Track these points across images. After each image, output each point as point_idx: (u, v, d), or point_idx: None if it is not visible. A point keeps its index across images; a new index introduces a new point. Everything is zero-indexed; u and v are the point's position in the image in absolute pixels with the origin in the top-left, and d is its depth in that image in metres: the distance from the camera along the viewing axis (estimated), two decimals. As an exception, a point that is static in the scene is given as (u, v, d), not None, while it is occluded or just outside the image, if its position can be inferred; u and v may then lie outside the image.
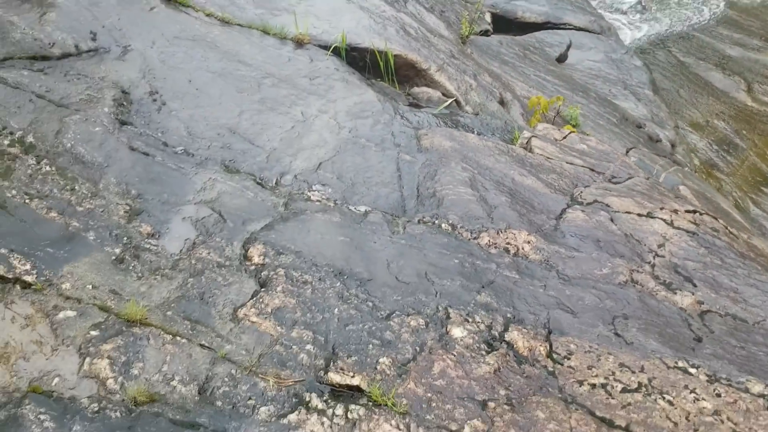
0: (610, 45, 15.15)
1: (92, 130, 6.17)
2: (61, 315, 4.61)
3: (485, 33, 13.47)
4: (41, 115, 6.26)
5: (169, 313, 4.71)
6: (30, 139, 5.95)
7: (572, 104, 9.24)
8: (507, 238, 5.69)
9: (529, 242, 5.65)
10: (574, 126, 9.53)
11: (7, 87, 6.39)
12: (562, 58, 14.14)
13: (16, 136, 5.97)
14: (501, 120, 8.53)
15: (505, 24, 15.39)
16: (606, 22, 16.55)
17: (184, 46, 7.90)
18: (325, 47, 8.72)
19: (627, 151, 9.43)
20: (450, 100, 8.33)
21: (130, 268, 5.08)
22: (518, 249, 5.59)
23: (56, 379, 4.17)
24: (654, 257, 5.69)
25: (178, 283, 5.02)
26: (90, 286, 4.85)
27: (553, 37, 14.90)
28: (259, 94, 7.44)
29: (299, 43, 8.64)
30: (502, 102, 9.01)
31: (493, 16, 15.25)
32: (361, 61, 8.93)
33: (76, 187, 5.66)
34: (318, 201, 6.01)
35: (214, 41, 8.19)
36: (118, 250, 5.17)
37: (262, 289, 4.98)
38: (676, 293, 5.29)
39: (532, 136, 7.47)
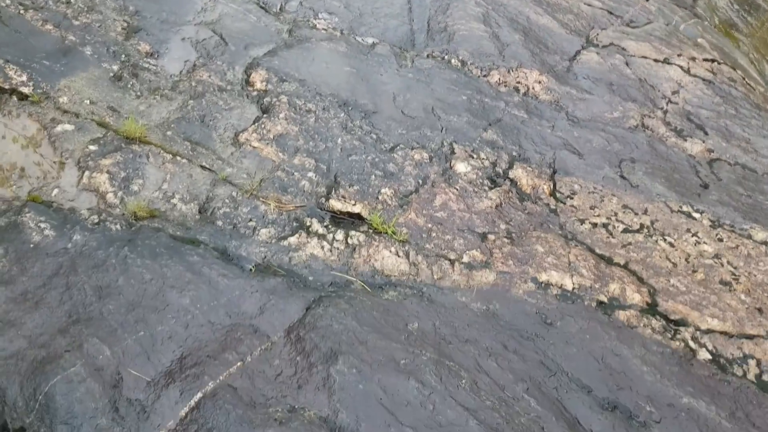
0: None
1: (86, -59, 5.58)
2: (59, 128, 4.35)
3: None
4: None
5: (168, 133, 4.45)
6: (21, -54, 5.39)
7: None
8: (518, 77, 5.33)
9: (540, 82, 5.29)
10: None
11: None
12: None
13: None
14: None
15: None
16: None
17: None
18: None
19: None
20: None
21: (129, 86, 4.76)
22: (528, 88, 5.25)
23: (56, 191, 3.99)
24: (667, 103, 5.37)
25: (177, 104, 4.73)
26: (88, 101, 4.56)
27: None
28: None
29: None
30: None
31: None
32: None
33: (72, 0, 5.20)
34: (324, 29, 5.57)
35: None
36: (116, 68, 4.82)
37: (264, 115, 4.69)
38: (686, 140, 5.02)
39: (552, -26, 6.84)
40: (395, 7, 6.01)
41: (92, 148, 4.26)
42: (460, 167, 4.48)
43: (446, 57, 5.48)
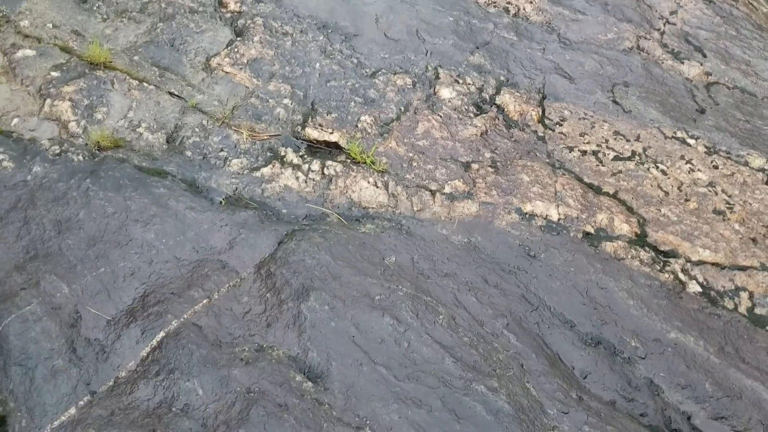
0: None
1: None
2: (19, 54, 4.02)
3: None
4: None
5: (135, 58, 4.12)
6: None
7: None
8: (508, -4, 4.94)
9: (531, 2, 4.92)
10: None
11: None
12: None
13: None
14: None
15: None
16: None
17: None
18: None
19: None
20: None
21: (95, 8, 4.39)
22: (519, 9, 4.88)
23: (15, 120, 3.70)
24: (664, 24, 5.00)
25: (146, 27, 4.37)
26: (50, 25, 4.20)
27: None
28: None
29: None
30: None
31: None
32: None
33: None
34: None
35: None
36: (79, -12, 4.42)
37: (238, 39, 4.35)
38: (683, 63, 4.69)
39: None
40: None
41: (54, 74, 3.94)
42: (445, 93, 4.17)
43: (431, -23, 5.06)
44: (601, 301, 2.93)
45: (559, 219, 3.32)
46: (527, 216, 3.35)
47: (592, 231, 3.28)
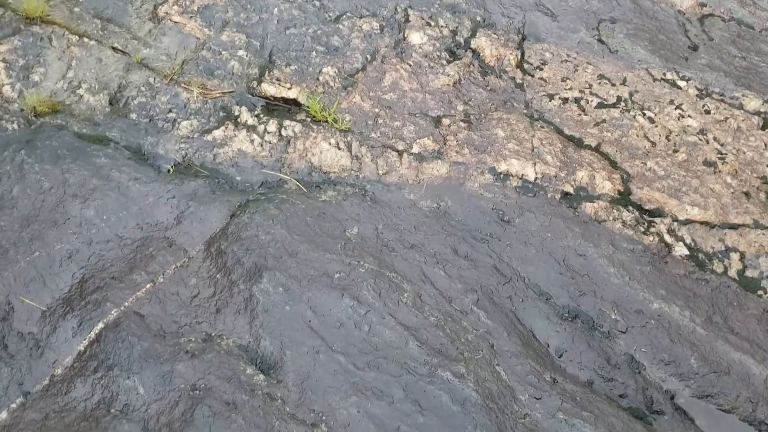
0: None
1: None
2: (-56, 10, 3.67)
3: None
4: None
5: (76, 9, 3.77)
6: None
7: None
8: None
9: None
10: None
11: None
12: None
13: None
14: None
15: None
16: None
17: None
18: None
19: None
20: None
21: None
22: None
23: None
24: (656, -49, 4.60)
25: (87, -27, 3.98)
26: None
27: None
28: None
29: None
30: None
31: None
32: None
33: None
34: None
35: None
36: (11, -69, 4.01)
37: (188, -17, 3.96)
38: (675, -6, 4.33)
39: None
40: None
41: (-15, 31, 3.60)
42: (415, 38, 3.84)
43: None
44: (580, 269, 2.71)
45: (536, 178, 3.07)
46: (501, 176, 3.09)
47: (572, 191, 3.03)
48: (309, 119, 3.39)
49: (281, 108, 3.48)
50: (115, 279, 2.66)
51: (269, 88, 3.53)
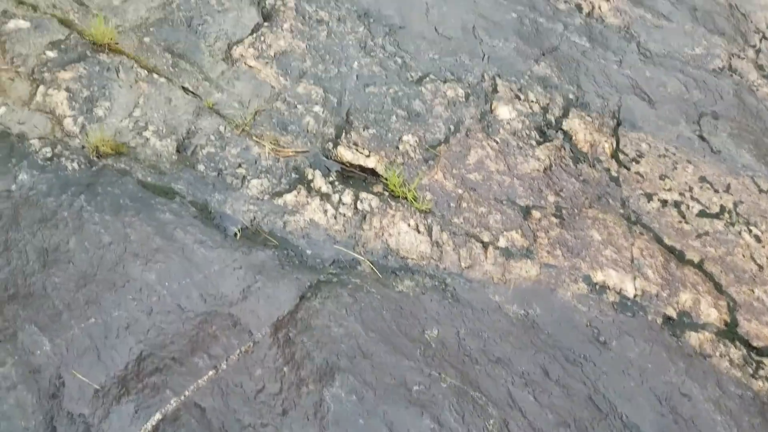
0: None
1: None
2: (11, 24, 3.64)
3: None
4: None
5: (146, 39, 3.72)
6: None
7: None
8: (582, -10, 4.47)
9: (608, 0, 4.43)
10: None
11: None
12: None
13: None
14: None
15: None
16: None
17: None
18: None
19: None
20: None
21: (101, -28, 3.95)
22: (594, 7, 4.41)
23: (2, 109, 3.34)
24: (761, 40, 4.52)
25: (160, 0, 3.95)
26: (49, -8, 3.79)
27: None
28: None
29: None
30: None
31: None
32: None
33: None
34: None
35: None
36: (86, -53, 3.99)
37: (266, 24, 3.92)
38: (782, 92, 4.24)
39: None
40: None
41: (51, 54, 3.56)
42: (503, 112, 3.76)
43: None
44: (684, 412, 2.59)
45: (635, 295, 2.96)
46: (597, 288, 2.98)
47: (674, 315, 2.92)
48: (387, 193, 3.31)
49: (357, 176, 3.40)
50: (176, 361, 2.56)
51: (345, 153, 3.45)
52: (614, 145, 3.73)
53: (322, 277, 2.93)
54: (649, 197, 3.47)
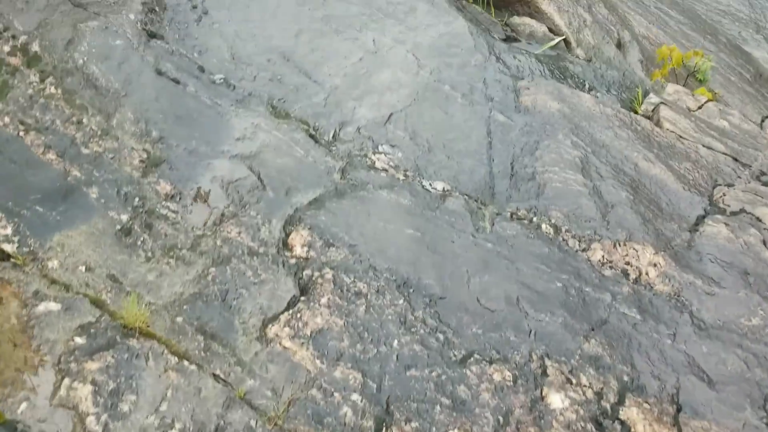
0: (742, -27, 13.00)
1: (112, 44, 5.02)
2: (41, 307, 3.66)
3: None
4: (53, 15, 5.13)
5: (179, 319, 3.70)
6: (35, 47, 4.85)
7: (701, 52, 7.64)
8: (626, 254, 4.48)
9: (655, 265, 4.42)
10: (701, 81, 7.99)
11: (17, -27, 5.22)
12: (684, -15, 12.15)
13: (20, 41, 4.88)
14: (619, 71, 7.07)
15: (621, -66, 13.34)
16: (741, -60, 14.20)
17: (238, -64, 6.52)
18: (411, -47, 7.24)
19: (762, 121, 7.90)
20: (558, 39, 6.87)
21: (139, 243, 4.05)
22: (641, 273, 4.38)
23: (24, 405, 3.26)
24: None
25: (196, 272, 3.99)
26: (83, 268, 3.86)
27: (675, -47, 12.80)
28: (324, 10, 6.13)
29: (379, -55, 7.15)
30: (619, 44, 7.49)
31: None
32: (453, -25, 7.44)
33: (85, 120, 4.58)
34: (384, 170, 4.83)
35: (276, -67, 6.77)
36: (125, 217, 4.13)
37: (302, 297, 3.91)
38: None
39: (661, 102, 6.04)
40: (472, 142, 5.25)
41: (79, 341, 3.53)
42: (555, 400, 3.60)
43: (535, 219, 4.66)
44: None
45: None
46: None
47: None
48: None
49: (400, 485, 3.18)
50: None
51: (388, 453, 3.26)
52: (678, 440, 3.51)
53: None
54: None
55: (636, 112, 6.10)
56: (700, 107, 6.35)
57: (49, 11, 5.13)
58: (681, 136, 5.71)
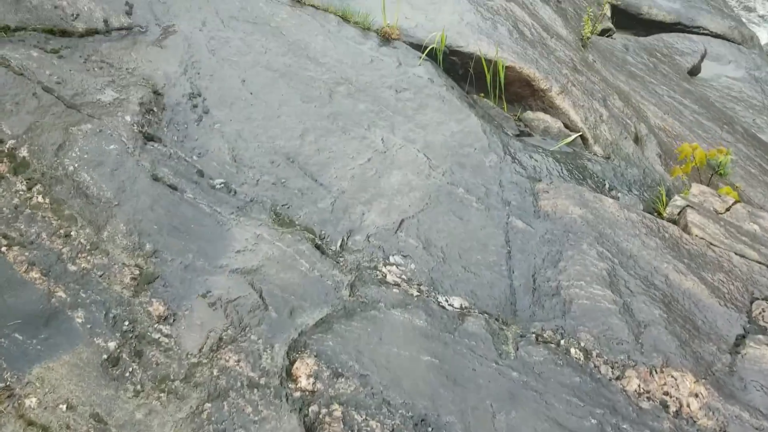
0: (752, 60, 13.14)
1: (105, 149, 4.84)
2: None
3: (607, 32, 11.69)
4: (44, 118, 4.97)
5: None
6: (23, 152, 4.67)
7: (724, 150, 7.50)
8: (665, 383, 4.16)
9: (697, 395, 4.10)
10: (721, 174, 7.82)
11: (9, 72, 5.09)
12: (694, 71, 12.26)
13: (7, 146, 4.70)
14: (639, 168, 6.91)
15: (627, 20, 13.59)
16: (748, 29, 14.46)
17: (241, 30, 6.48)
18: (418, 46, 7.21)
19: (788, 217, 7.67)
20: (575, 136, 6.73)
21: (127, 374, 3.75)
22: (681, 405, 4.06)
23: None
24: None
25: (189, 408, 3.68)
26: (65, 406, 3.55)
27: (684, 42, 12.99)
28: (330, 107, 6.00)
29: (386, 38, 7.14)
30: (636, 139, 7.37)
31: (613, 8, 13.46)
32: (462, 68, 7.40)
33: (73, 233, 4.34)
34: (396, 284, 4.56)
35: (280, 27, 6.75)
36: (113, 344, 3.85)
37: (308, 440, 3.57)
38: None
39: (687, 206, 5.83)
40: (490, 251, 5.00)
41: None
42: None
43: (562, 342, 4.36)
44: None
45: None
46: None
47: None
48: None
49: None
50: None
51: None
52: None
53: None
54: None
55: (661, 215, 5.89)
56: (728, 209, 6.14)
57: (40, 113, 4.97)
58: (711, 243, 5.48)
